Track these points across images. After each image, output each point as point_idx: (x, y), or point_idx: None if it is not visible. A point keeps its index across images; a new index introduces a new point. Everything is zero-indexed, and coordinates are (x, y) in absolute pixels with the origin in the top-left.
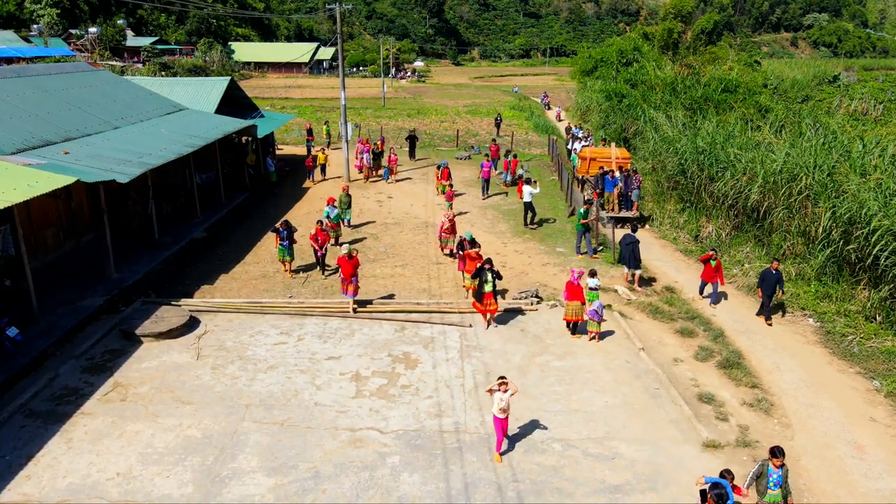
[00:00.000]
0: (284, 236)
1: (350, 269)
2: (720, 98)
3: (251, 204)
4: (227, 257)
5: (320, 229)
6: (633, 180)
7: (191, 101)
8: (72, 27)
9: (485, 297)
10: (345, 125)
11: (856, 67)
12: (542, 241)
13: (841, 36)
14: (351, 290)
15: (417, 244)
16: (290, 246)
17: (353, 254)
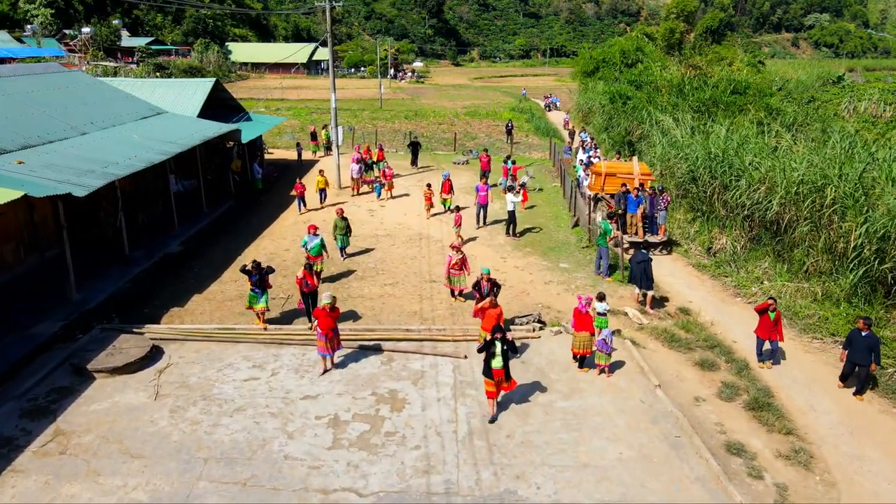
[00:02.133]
0: (256, 281)
1: (330, 322)
2: (729, 100)
3: (235, 213)
4: (202, 274)
5: (309, 273)
6: (661, 200)
7: (172, 104)
8: (66, 27)
9: (494, 374)
10: (335, 129)
11: (858, 68)
12: (545, 256)
13: (842, 36)
14: (330, 347)
15: (410, 259)
16: (262, 293)
17: (335, 305)
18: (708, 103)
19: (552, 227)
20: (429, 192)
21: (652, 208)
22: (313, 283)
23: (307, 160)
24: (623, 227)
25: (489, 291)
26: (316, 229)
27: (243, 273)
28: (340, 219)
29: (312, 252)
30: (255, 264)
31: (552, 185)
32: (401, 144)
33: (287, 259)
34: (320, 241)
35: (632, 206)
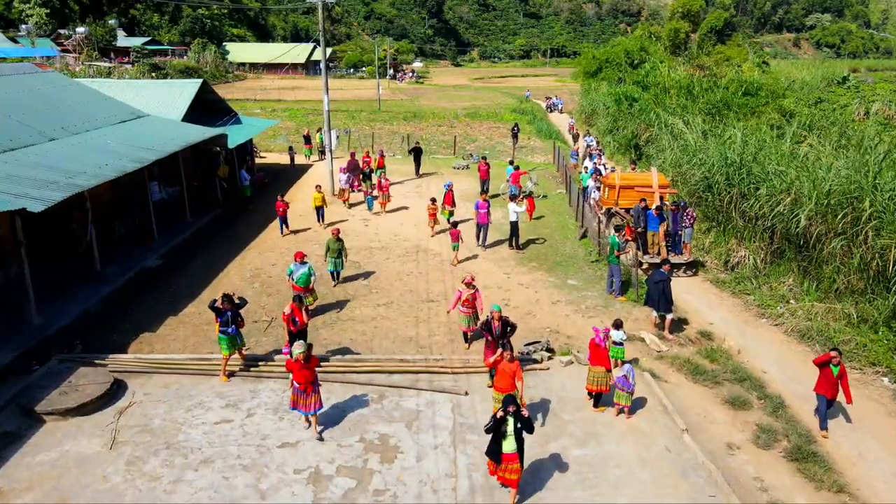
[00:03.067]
0: (228, 320)
1: (307, 375)
2: (741, 102)
3: (221, 222)
4: (180, 293)
5: (298, 308)
6: (686, 216)
7: (156, 106)
8: (61, 27)
9: (504, 459)
10: (328, 133)
11: (862, 68)
12: (551, 272)
13: (844, 37)
14: (309, 403)
15: (406, 276)
16: (236, 332)
17: (310, 354)
18: (719, 105)
19: (558, 239)
20: (433, 206)
21: (675, 225)
22: (302, 321)
23: (300, 165)
24: (644, 247)
25: (501, 333)
26: (303, 257)
27: (212, 310)
28: (335, 240)
29: (299, 283)
30: (226, 298)
31: (556, 191)
32: (399, 147)
33: (273, 275)
34: (308, 270)
35: (653, 224)
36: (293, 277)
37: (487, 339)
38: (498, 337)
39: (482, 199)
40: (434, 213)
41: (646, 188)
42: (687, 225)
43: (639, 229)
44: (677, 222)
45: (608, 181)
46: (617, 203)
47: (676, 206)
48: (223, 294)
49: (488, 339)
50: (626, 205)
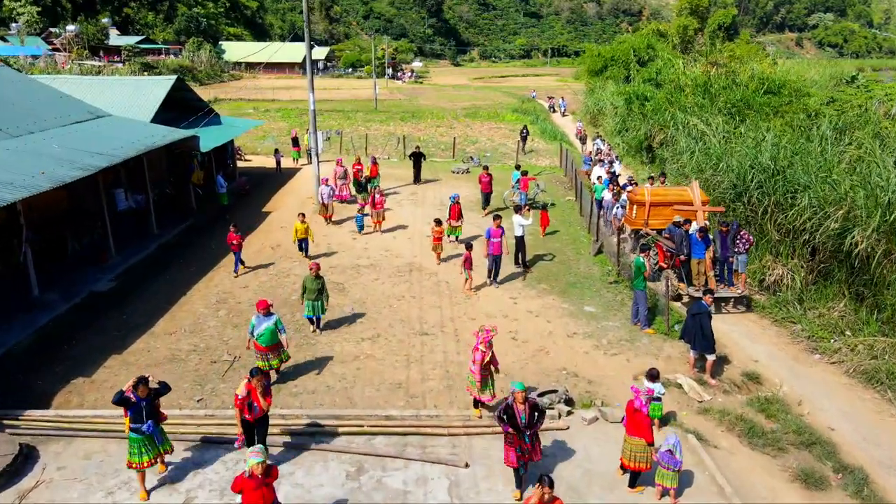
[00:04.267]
0: (141, 413)
1: (265, 495)
2: (762, 101)
3: (192, 235)
4: (130, 323)
5: (256, 388)
6: (740, 240)
7: (125, 106)
8: (53, 25)
9: None
10: (314, 135)
11: (867, 68)
12: (565, 296)
13: (847, 36)
14: None
15: (396, 300)
16: (154, 430)
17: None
18: (739, 105)
19: (570, 254)
20: (438, 230)
21: (724, 250)
22: (262, 407)
23: (287, 169)
24: (688, 277)
25: (528, 421)
26: (268, 308)
27: (118, 404)
28: (314, 278)
29: (262, 341)
30: (140, 382)
31: (565, 198)
32: (394, 150)
33: (243, 301)
34: (274, 323)
35: (698, 250)
36: (255, 334)
37: (507, 431)
38: (523, 428)
39: (496, 226)
40: (439, 238)
41: (683, 205)
42: (741, 251)
43: (681, 256)
44: (727, 247)
45: (636, 197)
46: (647, 223)
47: (727, 228)
48: (137, 378)
49: (509, 433)
50: (658, 225)
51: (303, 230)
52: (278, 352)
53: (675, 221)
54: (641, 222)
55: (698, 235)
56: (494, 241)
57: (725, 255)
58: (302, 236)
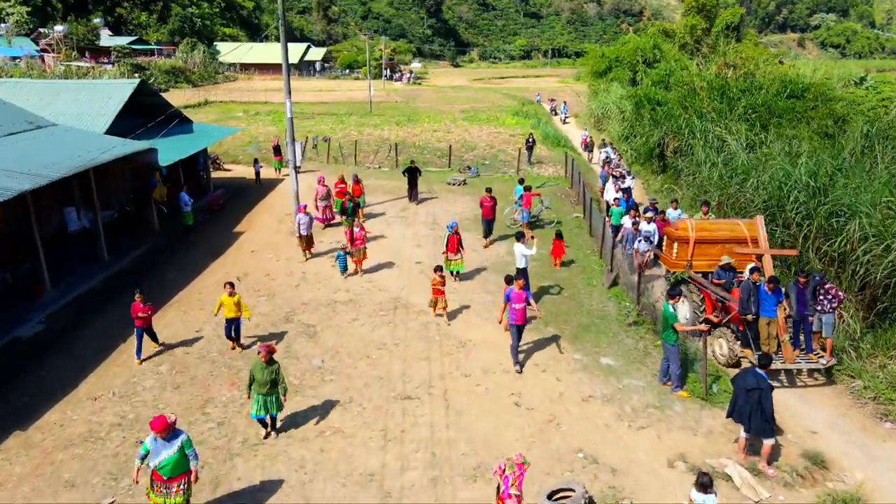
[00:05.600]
0: None
1: None
2: (785, 106)
3: (150, 261)
4: (49, 384)
5: None
6: (826, 296)
7: (78, 113)
8: (43, 26)
9: None
10: (292, 145)
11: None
12: (577, 343)
13: (849, 37)
14: None
15: (376, 349)
16: None
17: None
18: (761, 110)
19: (580, 286)
20: (439, 279)
21: (802, 307)
22: None
23: (268, 180)
24: (755, 341)
25: None
26: (168, 428)
27: None
28: (264, 365)
29: (163, 471)
30: None
31: (572, 215)
32: (386, 158)
33: (191, 352)
34: (180, 448)
35: (768, 305)
36: (153, 464)
37: None
38: None
39: (518, 288)
40: (441, 290)
41: (736, 243)
42: (826, 309)
43: (748, 316)
44: (805, 303)
45: (678, 233)
46: (691, 264)
47: (805, 279)
48: None
49: None
50: (703, 267)
51: (232, 307)
52: (184, 484)
53: (725, 264)
54: (683, 263)
55: (768, 287)
56: (517, 307)
57: (803, 314)
58: (232, 314)
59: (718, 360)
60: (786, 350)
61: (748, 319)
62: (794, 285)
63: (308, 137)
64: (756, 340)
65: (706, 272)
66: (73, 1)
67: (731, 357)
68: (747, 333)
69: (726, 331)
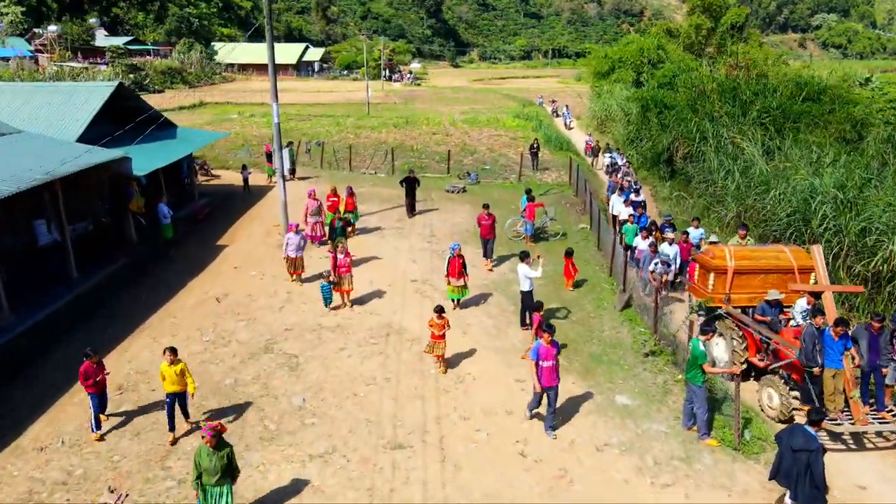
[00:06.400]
0: None
1: None
2: (801, 109)
3: (121, 279)
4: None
5: None
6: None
7: (52, 118)
8: (37, 26)
9: None
10: (279, 152)
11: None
12: (588, 377)
13: (850, 37)
14: None
15: (365, 385)
16: None
17: None
18: (775, 113)
19: (589, 308)
20: (439, 322)
21: (874, 355)
22: None
23: (258, 187)
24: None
25: None
26: None
27: None
28: (211, 451)
29: None
30: None
31: (578, 226)
32: (382, 163)
33: (158, 387)
34: None
35: (833, 355)
36: None
37: None
38: None
39: (546, 343)
40: (442, 335)
41: (781, 273)
42: (891, 355)
43: (813, 368)
44: (878, 351)
45: (714, 261)
46: (728, 297)
47: (879, 323)
48: None
49: None
50: (743, 301)
51: (174, 377)
52: None
53: (771, 299)
54: (720, 296)
55: (834, 333)
56: (546, 365)
57: (875, 364)
58: (174, 388)
59: (767, 413)
60: (855, 408)
61: (814, 373)
62: (866, 330)
63: (301, 142)
64: (821, 395)
65: (747, 306)
66: (68, 1)
67: (784, 412)
68: (808, 386)
69: (776, 379)
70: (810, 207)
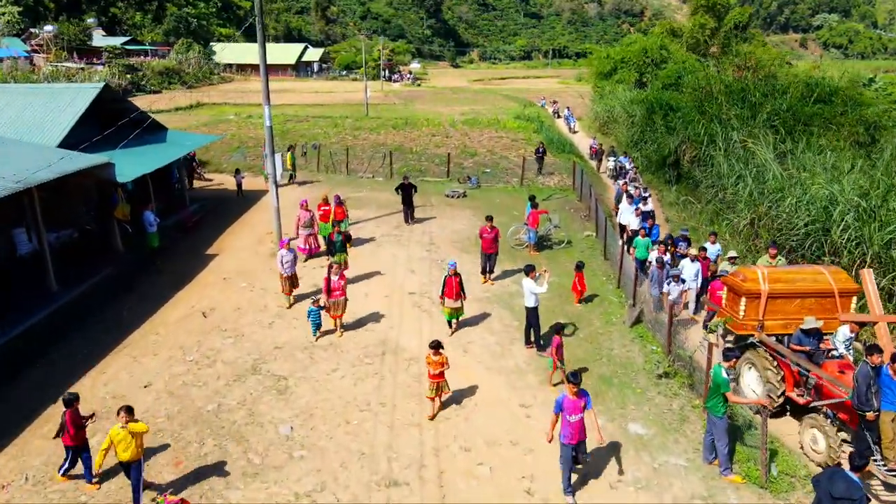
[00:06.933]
0: None
1: None
2: (812, 111)
3: (103, 292)
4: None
5: None
6: None
7: (29, 122)
8: (34, 26)
9: None
10: (271, 157)
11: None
12: (596, 401)
13: (851, 37)
14: None
15: (360, 411)
16: None
17: None
18: (785, 115)
19: (597, 324)
20: (437, 361)
21: None
22: None
23: (252, 192)
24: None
25: None
26: None
27: None
28: None
29: None
30: None
31: (583, 234)
32: (380, 166)
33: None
34: None
35: (892, 395)
36: None
37: None
38: None
39: (572, 394)
40: (440, 374)
41: (819, 297)
42: None
43: (865, 412)
44: None
45: (745, 284)
46: (762, 325)
47: None
48: None
49: None
50: (777, 329)
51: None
52: None
53: (809, 328)
54: (753, 324)
55: (893, 371)
56: (573, 419)
57: None
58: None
59: (811, 457)
60: None
61: (868, 418)
62: None
63: (297, 144)
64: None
65: (782, 334)
66: (65, 1)
67: (832, 457)
68: (863, 433)
69: (821, 419)
70: (831, 216)
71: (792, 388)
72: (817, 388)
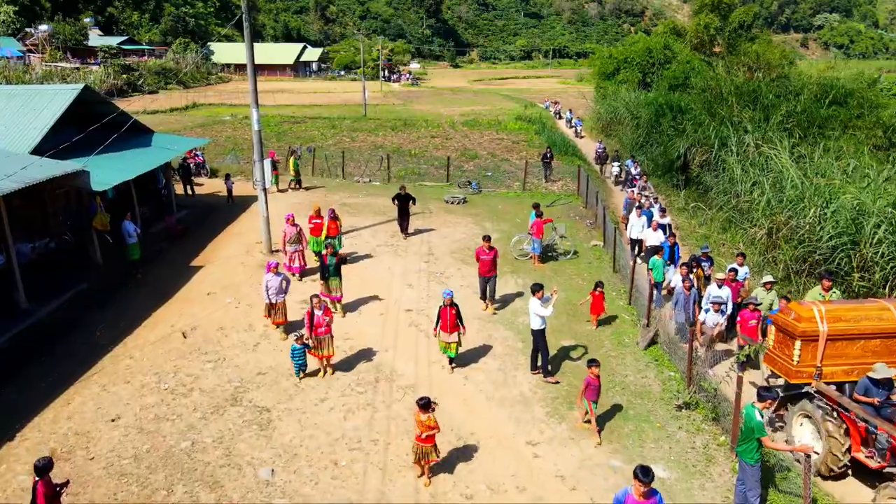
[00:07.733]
0: None
1: None
2: (827, 114)
3: (77, 309)
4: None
5: None
6: None
7: (6, 125)
8: (30, 25)
9: None
10: (261, 163)
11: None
12: (611, 437)
13: (853, 37)
14: None
15: (349, 450)
16: None
17: None
18: (800, 118)
19: (609, 346)
20: (426, 423)
21: None
22: None
23: (242, 198)
24: None
25: None
26: None
27: None
28: None
29: None
30: None
31: (590, 244)
32: (378, 170)
33: (98, 458)
34: None
35: None
36: None
37: None
38: None
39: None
40: (431, 437)
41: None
42: None
43: None
44: None
45: (800, 326)
46: (820, 371)
47: None
48: None
49: None
50: (837, 375)
51: None
52: None
53: (880, 377)
54: (809, 371)
55: None
56: None
57: None
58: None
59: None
60: None
61: None
62: None
63: (290, 147)
64: None
65: (843, 382)
66: (62, 0)
67: None
68: None
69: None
70: (860, 228)
71: (859, 447)
72: (893, 452)
